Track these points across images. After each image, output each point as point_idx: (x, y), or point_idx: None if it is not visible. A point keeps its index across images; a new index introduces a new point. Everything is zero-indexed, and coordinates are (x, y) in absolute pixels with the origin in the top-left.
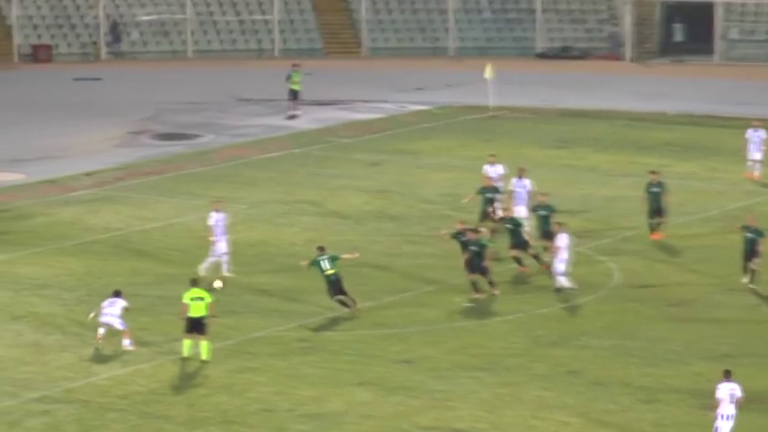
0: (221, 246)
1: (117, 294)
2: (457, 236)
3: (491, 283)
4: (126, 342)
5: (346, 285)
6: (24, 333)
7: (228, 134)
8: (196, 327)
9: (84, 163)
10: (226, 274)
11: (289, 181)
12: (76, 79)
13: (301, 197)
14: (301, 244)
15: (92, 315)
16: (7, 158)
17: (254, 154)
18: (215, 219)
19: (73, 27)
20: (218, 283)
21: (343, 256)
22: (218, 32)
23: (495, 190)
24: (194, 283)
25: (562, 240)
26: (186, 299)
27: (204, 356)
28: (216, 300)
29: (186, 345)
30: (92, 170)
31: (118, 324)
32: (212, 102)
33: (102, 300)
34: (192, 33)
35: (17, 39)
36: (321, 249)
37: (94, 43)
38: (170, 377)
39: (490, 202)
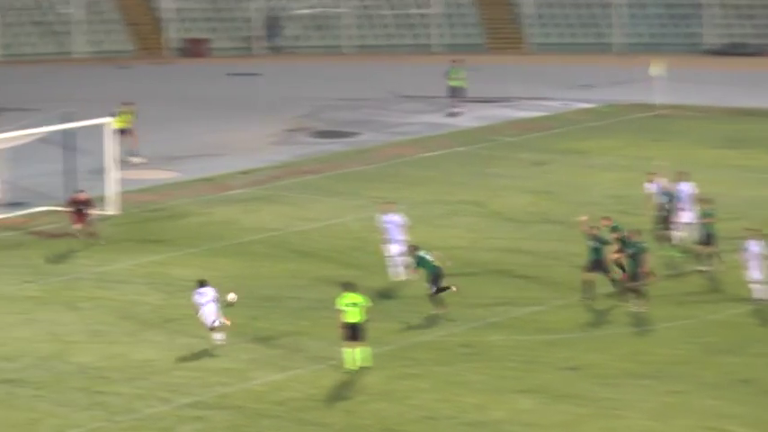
0: (392, 248)
1: (203, 284)
2: (624, 242)
3: (637, 292)
4: (218, 336)
5: (509, 290)
6: (177, 336)
7: (388, 132)
8: (354, 333)
9: (241, 161)
10: (403, 278)
11: (450, 181)
12: (232, 74)
13: (463, 197)
14: (463, 246)
15: (230, 297)
16: (161, 156)
17: (414, 152)
18: (383, 220)
19: (228, 21)
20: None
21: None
22: (376, 27)
23: (671, 195)
24: (348, 287)
25: (754, 247)
26: (341, 305)
27: (364, 363)
28: (372, 304)
29: (348, 355)
30: (248, 168)
31: (214, 316)
32: (371, 98)
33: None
34: (350, 28)
35: (170, 32)
36: (415, 248)
37: (251, 38)
38: (328, 383)
39: (665, 207)
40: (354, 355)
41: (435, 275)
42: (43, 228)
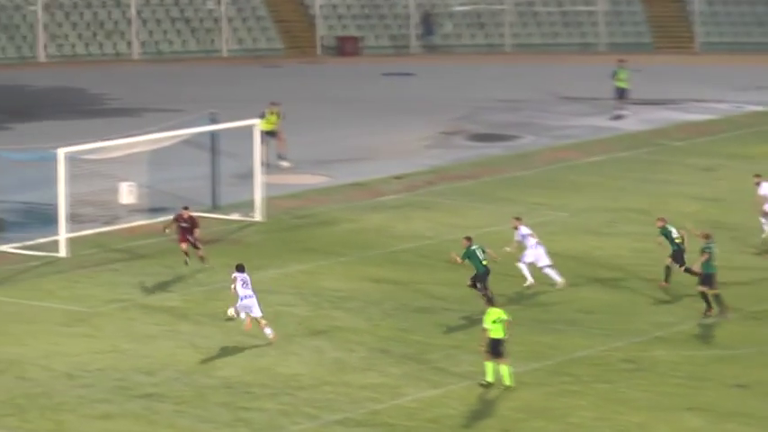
0: (528, 257)
1: (241, 269)
2: None
3: None
4: (268, 331)
5: (674, 302)
6: (325, 350)
7: (549, 135)
8: (499, 349)
9: (393, 165)
10: (560, 285)
11: (614, 187)
12: (385, 74)
13: (628, 205)
14: (628, 256)
15: (231, 312)
16: (311, 159)
17: (576, 157)
18: (519, 234)
19: (382, 18)
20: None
21: (488, 250)
22: (538, 25)
23: None
24: (491, 302)
25: None
26: (488, 323)
27: (508, 382)
28: (511, 317)
29: (490, 368)
30: (401, 173)
31: (257, 310)
32: (532, 100)
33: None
34: (511, 26)
35: (321, 30)
36: (470, 240)
37: (405, 36)
38: (484, 399)
39: None
40: (501, 372)
41: (479, 274)
42: None
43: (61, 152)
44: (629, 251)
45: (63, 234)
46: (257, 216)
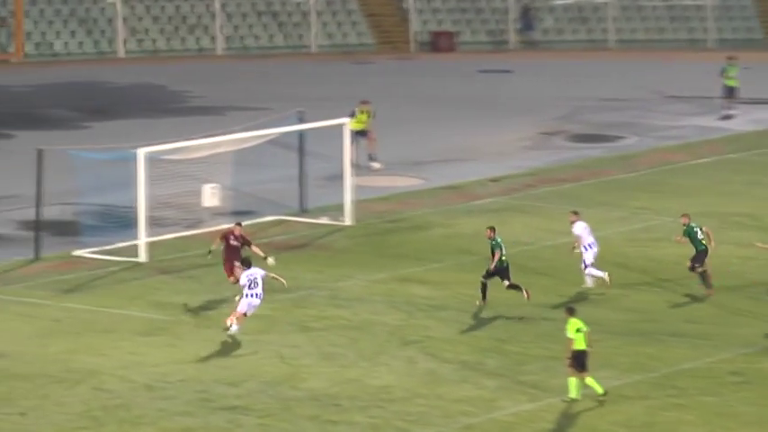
0: (588, 257)
1: (248, 264)
2: None
3: None
4: (235, 328)
5: None
6: (418, 360)
7: (654, 136)
8: (584, 361)
9: (490, 167)
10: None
11: (722, 191)
12: (482, 71)
13: (736, 209)
14: (735, 263)
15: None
16: (403, 161)
17: (683, 159)
18: (580, 230)
19: (478, 12)
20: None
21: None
22: (643, 19)
23: None
24: (572, 312)
25: None
26: (571, 333)
27: (600, 390)
28: (590, 328)
29: (573, 384)
30: (498, 175)
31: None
32: (636, 98)
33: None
34: (614, 20)
35: (415, 25)
36: (493, 230)
37: (503, 31)
38: (583, 412)
39: None
40: (589, 384)
41: (500, 269)
42: (271, 239)
43: (141, 152)
44: (737, 258)
45: (143, 238)
46: (347, 220)
